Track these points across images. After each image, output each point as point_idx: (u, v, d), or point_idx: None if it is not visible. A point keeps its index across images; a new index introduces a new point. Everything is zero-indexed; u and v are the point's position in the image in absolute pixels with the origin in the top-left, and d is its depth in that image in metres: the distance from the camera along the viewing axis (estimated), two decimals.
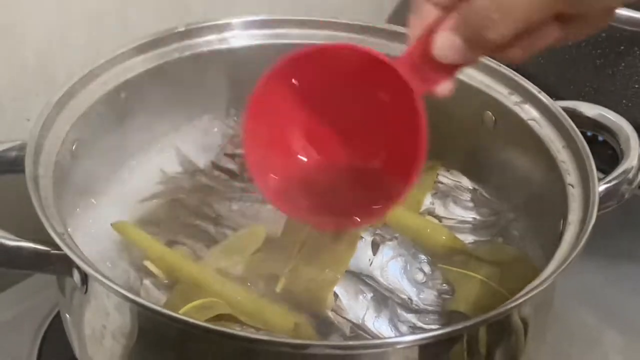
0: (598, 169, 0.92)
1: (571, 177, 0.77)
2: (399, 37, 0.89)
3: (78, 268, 0.66)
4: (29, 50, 0.92)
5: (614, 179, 0.78)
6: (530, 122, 0.83)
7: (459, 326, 0.63)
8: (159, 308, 0.62)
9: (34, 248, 0.68)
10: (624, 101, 1.01)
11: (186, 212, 0.83)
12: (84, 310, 0.69)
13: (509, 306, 0.64)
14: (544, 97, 0.83)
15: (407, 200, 0.86)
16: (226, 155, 0.89)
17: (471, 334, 0.65)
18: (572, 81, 1.04)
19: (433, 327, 0.75)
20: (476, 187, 0.88)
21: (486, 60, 0.86)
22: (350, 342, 0.69)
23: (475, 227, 0.86)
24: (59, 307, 0.77)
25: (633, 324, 0.92)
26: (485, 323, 0.64)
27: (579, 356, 0.88)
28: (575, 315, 0.91)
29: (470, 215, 0.86)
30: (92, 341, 0.70)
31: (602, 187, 0.76)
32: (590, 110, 0.84)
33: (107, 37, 0.96)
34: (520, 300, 0.65)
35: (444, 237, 0.83)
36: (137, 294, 0.73)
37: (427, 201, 0.87)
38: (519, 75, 0.85)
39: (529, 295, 0.65)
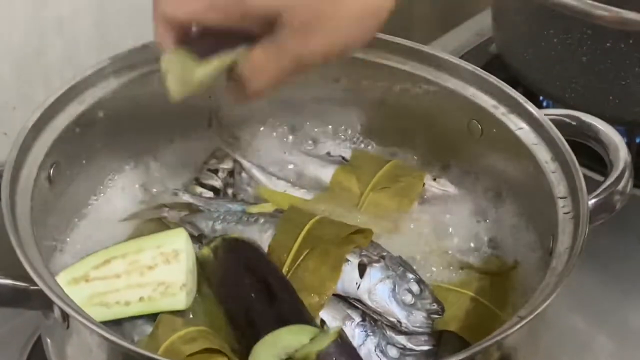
0: (592, 169, 0.92)
1: (560, 190, 0.76)
2: (380, 44, 0.87)
3: (58, 306, 0.65)
4: (4, 63, 0.91)
5: (603, 191, 0.77)
6: (517, 132, 0.81)
7: None
8: (138, 350, 0.62)
9: (13, 284, 0.67)
10: (610, 97, 1.00)
11: None
12: (66, 344, 0.68)
13: (492, 341, 0.63)
14: (531, 107, 0.81)
15: (395, 208, 0.86)
16: (209, 171, 0.87)
17: None
18: (559, 78, 1.03)
19: (424, 348, 0.74)
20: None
21: (473, 69, 0.85)
22: None
23: None
24: (42, 334, 0.76)
25: (623, 327, 0.91)
26: (471, 355, 0.63)
27: None
28: (566, 319, 0.91)
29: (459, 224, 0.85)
30: None
31: (591, 202, 0.75)
32: (577, 118, 0.82)
33: (83, 47, 0.95)
34: (503, 335, 0.64)
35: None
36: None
37: (415, 210, 0.86)
38: (505, 84, 0.84)
39: (514, 329, 0.64)
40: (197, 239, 0.81)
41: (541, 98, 1.08)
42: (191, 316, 0.75)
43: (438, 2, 1.35)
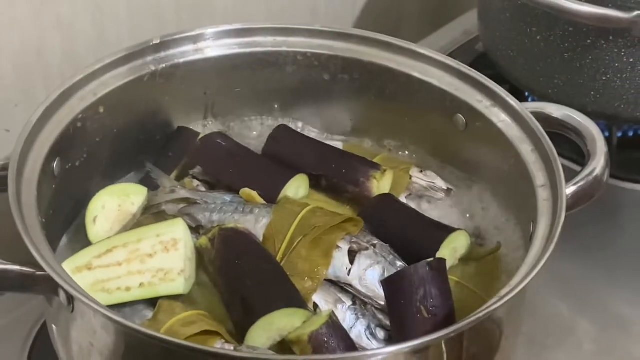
0: (572, 160, 0.94)
1: (540, 179, 0.79)
2: (369, 42, 0.91)
3: (63, 289, 0.68)
4: (5, 61, 0.93)
5: (581, 180, 0.79)
6: (499, 124, 0.84)
7: (424, 340, 0.66)
8: (142, 329, 0.65)
9: (20, 270, 0.69)
10: (592, 93, 1.03)
11: None
12: (71, 328, 0.71)
13: (472, 318, 0.66)
14: (512, 100, 0.84)
15: None
16: None
17: (440, 343, 0.67)
18: (542, 74, 1.05)
19: None
20: (450, 187, 0.90)
21: (456, 65, 0.88)
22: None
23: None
24: (47, 319, 0.79)
25: (605, 313, 0.94)
26: (455, 332, 0.67)
27: (554, 346, 0.90)
28: (549, 305, 0.93)
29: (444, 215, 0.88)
30: (80, 358, 0.72)
31: (570, 190, 0.78)
32: (557, 111, 0.85)
33: (82, 45, 0.97)
34: (483, 314, 0.67)
35: None
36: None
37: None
38: (488, 79, 0.87)
39: (493, 307, 0.67)
40: (195, 230, 0.83)
41: (527, 94, 1.11)
42: (190, 302, 0.78)
43: (426, 2, 1.38)
